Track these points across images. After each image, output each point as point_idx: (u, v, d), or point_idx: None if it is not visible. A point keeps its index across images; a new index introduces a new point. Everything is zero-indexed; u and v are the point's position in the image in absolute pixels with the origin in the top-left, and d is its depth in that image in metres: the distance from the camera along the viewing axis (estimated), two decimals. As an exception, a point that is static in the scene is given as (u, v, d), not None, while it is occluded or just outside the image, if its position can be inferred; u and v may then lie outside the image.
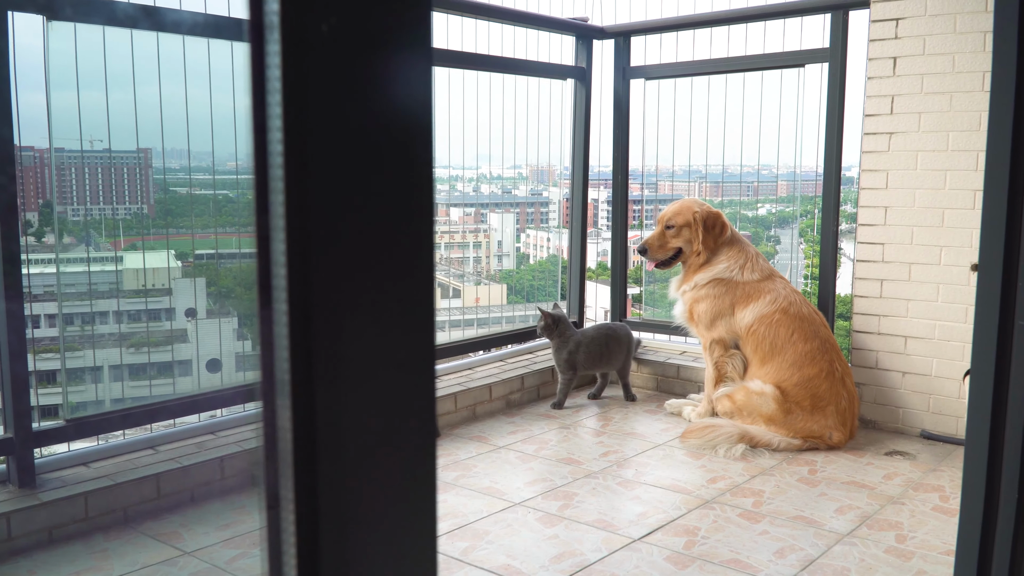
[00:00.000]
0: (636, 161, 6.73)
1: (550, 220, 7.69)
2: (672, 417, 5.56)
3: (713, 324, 5.20)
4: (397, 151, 0.69)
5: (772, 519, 3.96)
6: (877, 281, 5.23)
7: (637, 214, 7.39)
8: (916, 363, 5.15)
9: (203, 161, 4.57)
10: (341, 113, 0.67)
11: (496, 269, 7.49)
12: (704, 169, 6.70)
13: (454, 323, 6.41)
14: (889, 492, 4.30)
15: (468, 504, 4.14)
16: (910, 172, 5.06)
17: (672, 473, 4.57)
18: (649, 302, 7.06)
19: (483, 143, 6.13)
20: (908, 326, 5.15)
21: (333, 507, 0.69)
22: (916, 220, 5.06)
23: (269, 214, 0.68)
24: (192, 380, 4.67)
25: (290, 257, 0.67)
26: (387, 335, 0.70)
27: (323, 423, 0.68)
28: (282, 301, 0.68)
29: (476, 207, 7.33)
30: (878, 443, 5.04)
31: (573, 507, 4.11)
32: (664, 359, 6.21)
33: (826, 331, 5.07)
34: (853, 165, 5.82)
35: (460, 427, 5.36)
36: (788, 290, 5.14)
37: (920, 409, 5.15)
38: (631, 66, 6.50)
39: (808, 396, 4.88)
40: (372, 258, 0.68)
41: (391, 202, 0.69)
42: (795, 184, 6.44)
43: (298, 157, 0.66)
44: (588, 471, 4.59)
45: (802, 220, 6.71)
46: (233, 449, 4.25)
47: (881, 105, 5.12)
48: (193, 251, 4.74)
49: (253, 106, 0.68)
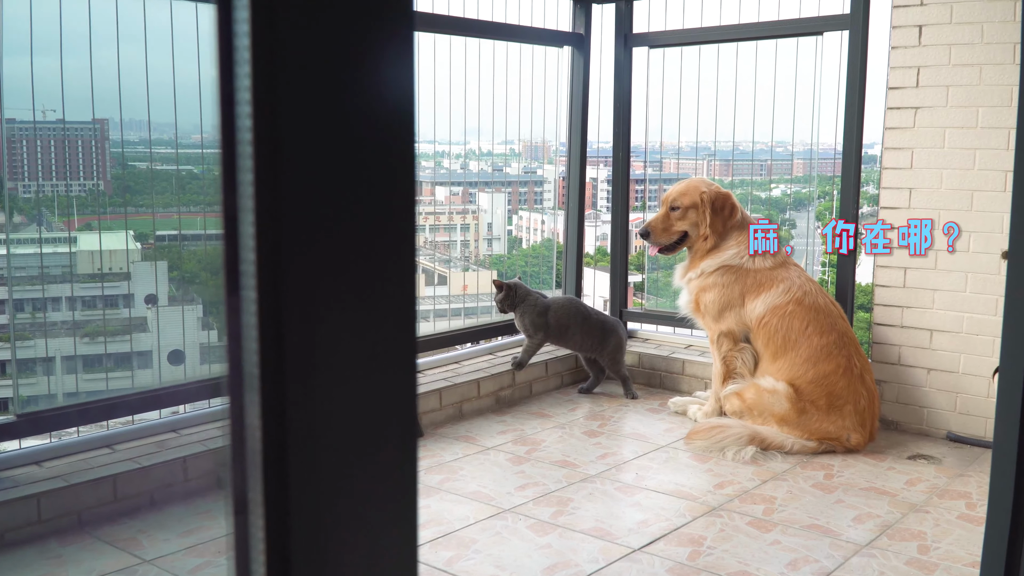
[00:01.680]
0: (639, 137, 6.73)
1: (545, 201, 7.69)
2: (676, 416, 5.58)
3: (721, 315, 5.21)
4: (376, 125, 0.69)
5: (784, 528, 3.98)
6: (900, 269, 5.24)
7: (640, 195, 7.39)
8: (942, 359, 5.17)
9: (165, 133, 4.56)
10: (315, 83, 0.67)
11: (485, 254, 7.48)
12: (713, 146, 6.70)
13: (439, 313, 6.42)
14: (912, 499, 4.32)
15: (453, 510, 4.15)
16: (937, 151, 5.07)
17: (676, 477, 4.59)
18: (652, 291, 7.07)
19: (472, 116, 6.12)
20: (934, 318, 5.17)
21: (306, 512, 0.70)
22: (943, 203, 5.07)
23: (237, 192, 0.68)
24: (152, 373, 4.66)
25: (259, 239, 0.67)
26: (365, 325, 0.70)
27: (295, 421, 0.68)
28: (251, 288, 0.68)
29: (464, 186, 7.32)
30: (900, 446, 5.07)
31: (568, 514, 4.12)
32: (668, 353, 6.23)
33: (844, 324, 5.08)
34: (875, 142, 5.83)
35: (445, 426, 5.37)
36: (803, 279, 5.15)
37: (946, 409, 5.17)
38: (633, 33, 6.49)
39: (824, 394, 4.90)
40: (349, 241, 0.69)
41: (370, 180, 0.69)
42: (812, 163, 6.44)
43: (269, 130, 0.66)
44: (584, 475, 4.61)
45: (819, 202, 6.72)
46: (197, 449, 4.25)
47: (906, 77, 5.12)
48: (154, 232, 4.73)
49: (220, 74, 0.68)
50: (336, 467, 0.70)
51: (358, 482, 0.71)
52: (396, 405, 0.72)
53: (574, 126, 6.58)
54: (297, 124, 0.67)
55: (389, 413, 0.72)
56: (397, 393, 0.72)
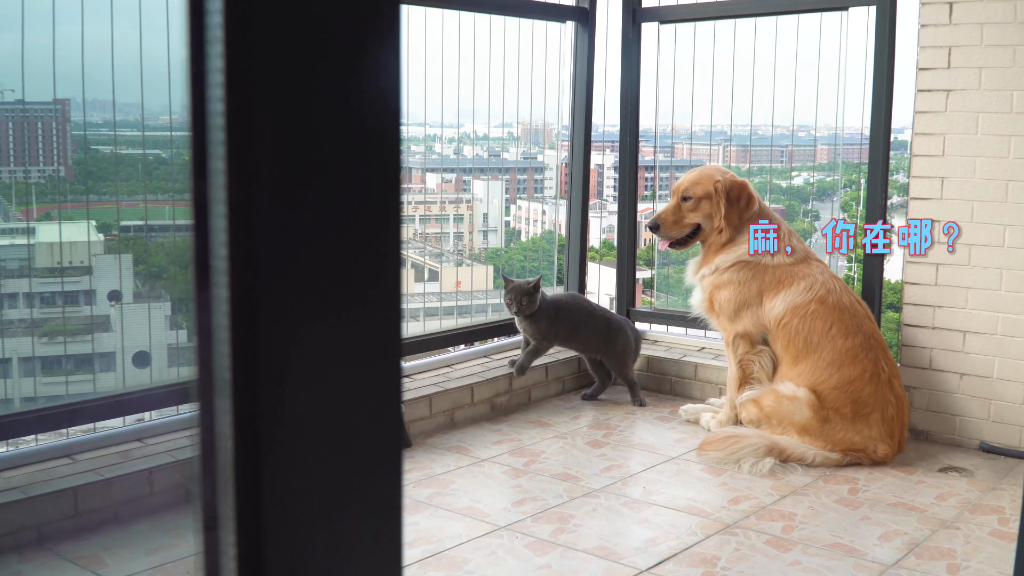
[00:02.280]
0: (648, 120, 6.73)
1: (546, 189, 7.70)
2: (688, 425, 5.59)
3: (737, 315, 5.21)
4: (359, 105, 0.69)
5: (805, 547, 3.99)
6: (932, 266, 5.25)
7: (649, 183, 7.40)
8: (975, 363, 5.17)
9: (131, 115, 4.56)
10: (293, 60, 0.67)
11: (481, 247, 7.49)
12: (729, 130, 6.70)
13: (430, 311, 6.41)
14: (942, 515, 4.33)
15: (444, 527, 4.15)
16: (970, 137, 5.07)
17: (687, 492, 4.59)
18: (663, 288, 7.08)
19: (466, 97, 6.12)
20: (967, 319, 5.17)
21: (280, 529, 0.70)
22: (976, 194, 5.08)
23: (207, 179, 0.68)
24: (116, 376, 4.66)
25: (232, 230, 0.67)
26: (346, 325, 0.70)
27: (269, 429, 0.68)
28: (222, 284, 0.68)
29: (457, 173, 7.33)
30: (930, 457, 5.08)
31: (569, 531, 4.13)
32: (679, 356, 6.23)
33: (871, 324, 5.09)
34: (906, 127, 5.83)
35: (436, 436, 5.37)
36: (826, 275, 5.16)
37: (979, 417, 5.18)
38: (643, 7, 6.49)
39: (849, 402, 4.90)
40: (329, 233, 0.69)
41: (351, 166, 0.70)
42: (837, 149, 6.45)
43: (242, 111, 0.66)
44: (587, 489, 4.61)
45: (845, 192, 6.72)
46: (164, 460, 4.25)
47: (937, 57, 5.13)
48: (118, 222, 4.73)
49: (190, 50, 0.68)
50: (314, 480, 0.70)
51: (338, 496, 0.71)
52: (380, 412, 0.72)
53: (578, 108, 6.58)
54: (273, 104, 0.67)
55: (372, 421, 0.72)
56: (380, 398, 0.72)
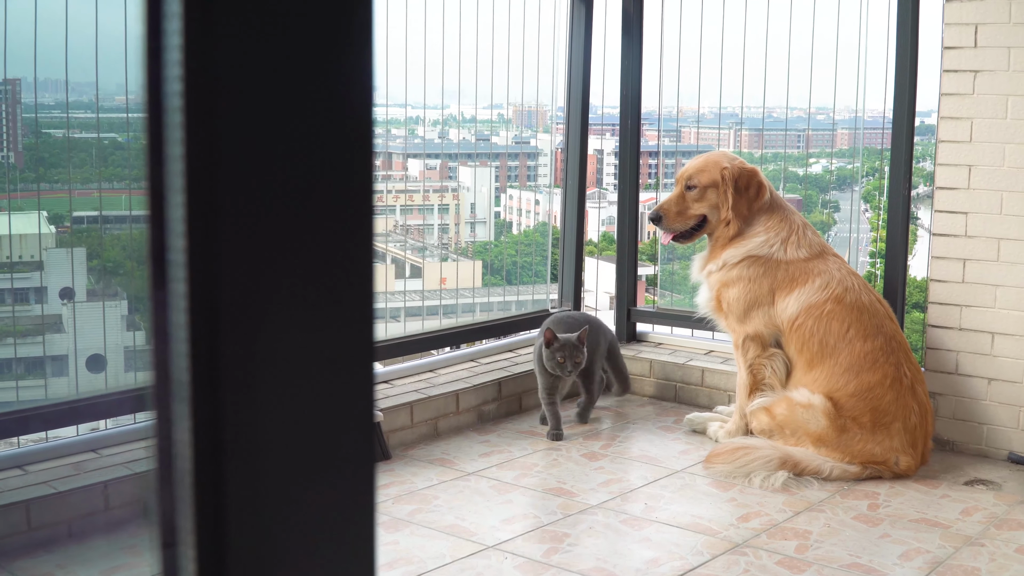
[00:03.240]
0: (651, 102, 6.74)
1: (539, 177, 7.70)
2: (694, 435, 5.59)
3: (747, 315, 5.22)
4: (330, 85, 0.69)
5: (820, 568, 4.00)
6: (959, 261, 5.27)
7: (653, 170, 7.41)
8: (1004, 367, 5.19)
9: (85, 95, 4.55)
10: (257, 35, 0.67)
11: (468, 241, 7.49)
12: (740, 112, 6.72)
13: (412, 311, 6.42)
14: (967, 531, 4.35)
15: (426, 547, 4.15)
16: (999, 122, 5.09)
17: (692, 508, 4.60)
18: (667, 286, 7.08)
19: (452, 75, 6.12)
20: (996, 319, 5.19)
21: (244, 546, 0.70)
22: (1007, 183, 5.09)
23: (164, 165, 0.69)
24: (68, 382, 4.66)
25: (190, 221, 0.67)
26: (315, 323, 0.71)
27: (232, 437, 0.68)
28: (180, 279, 0.68)
29: (443, 159, 7.32)
30: (956, 469, 5.09)
31: (563, 552, 4.13)
32: (684, 360, 6.24)
33: (892, 326, 5.10)
34: (933, 110, 5.84)
35: (418, 447, 5.37)
36: (844, 272, 5.16)
37: (1008, 426, 5.20)
38: (646, -22, 6.50)
39: (868, 410, 4.91)
40: (296, 224, 0.69)
41: (322, 150, 0.70)
42: (857, 134, 6.46)
43: (202, 88, 0.66)
44: (584, 505, 4.62)
45: (867, 181, 6.73)
46: (121, 472, 4.25)
47: (963, 35, 5.14)
48: (70, 213, 4.72)
49: (147, 21, 0.69)
50: (279, 493, 0.71)
51: (305, 511, 0.72)
52: (351, 419, 0.73)
53: (574, 88, 6.58)
54: (235, 83, 0.67)
55: (343, 429, 0.72)
56: (353, 405, 0.72)
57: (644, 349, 6.45)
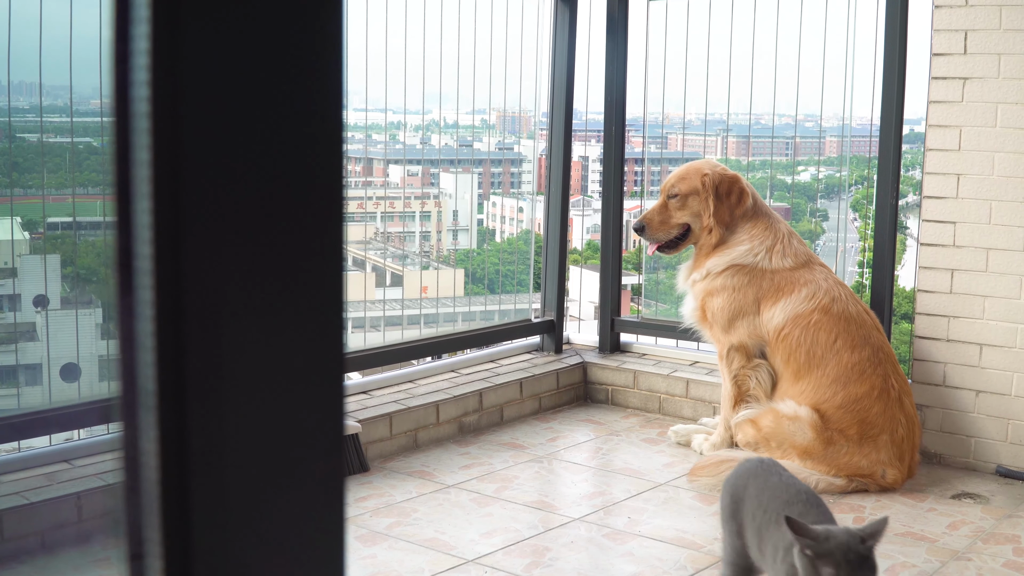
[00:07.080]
0: (637, 107, 6.75)
1: (523, 184, 7.70)
2: (678, 448, 5.60)
3: (731, 325, 5.23)
4: (298, 87, 0.70)
5: (804, 581, 4.00)
6: (946, 271, 5.29)
7: (639, 178, 7.42)
8: (993, 379, 5.21)
9: (59, 98, 4.54)
10: (225, 37, 0.67)
11: (450, 248, 7.49)
12: (727, 119, 6.73)
13: (392, 320, 6.41)
14: (953, 545, 4.36)
15: (405, 561, 4.15)
16: (988, 130, 5.11)
17: (676, 522, 4.61)
18: (653, 295, 7.09)
19: (433, 79, 6.12)
20: (984, 331, 5.21)
21: (211, 558, 0.70)
22: (996, 192, 5.12)
23: (130, 169, 0.69)
24: (42, 391, 4.64)
25: (157, 227, 0.67)
26: (282, 334, 0.71)
27: (198, 447, 0.68)
28: (147, 286, 0.68)
29: (424, 165, 7.33)
30: (943, 483, 5.11)
31: (545, 566, 4.13)
32: (669, 372, 6.25)
33: (880, 336, 5.11)
34: (921, 118, 5.87)
35: (396, 459, 5.36)
36: (831, 282, 5.18)
37: (996, 439, 5.22)
38: (631, -17, 6.52)
39: (855, 422, 4.93)
40: (264, 229, 0.69)
41: (290, 155, 0.70)
42: (845, 141, 6.48)
43: (169, 94, 0.67)
44: (566, 518, 4.62)
45: (855, 190, 6.75)
46: (94, 483, 4.23)
47: (952, 42, 5.16)
48: (44, 219, 4.71)
49: (116, 25, 0.69)
50: (247, 504, 0.71)
51: (273, 523, 0.72)
52: (320, 430, 0.73)
53: (558, 93, 6.58)
54: (203, 89, 0.67)
55: (311, 440, 0.72)
56: (321, 414, 0.73)
57: (628, 360, 6.45)
